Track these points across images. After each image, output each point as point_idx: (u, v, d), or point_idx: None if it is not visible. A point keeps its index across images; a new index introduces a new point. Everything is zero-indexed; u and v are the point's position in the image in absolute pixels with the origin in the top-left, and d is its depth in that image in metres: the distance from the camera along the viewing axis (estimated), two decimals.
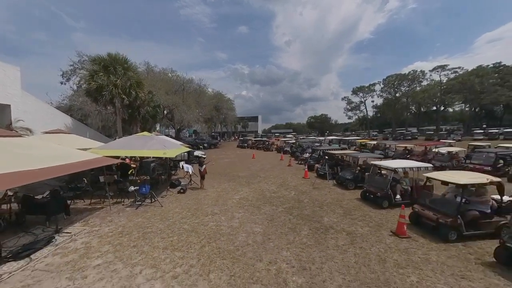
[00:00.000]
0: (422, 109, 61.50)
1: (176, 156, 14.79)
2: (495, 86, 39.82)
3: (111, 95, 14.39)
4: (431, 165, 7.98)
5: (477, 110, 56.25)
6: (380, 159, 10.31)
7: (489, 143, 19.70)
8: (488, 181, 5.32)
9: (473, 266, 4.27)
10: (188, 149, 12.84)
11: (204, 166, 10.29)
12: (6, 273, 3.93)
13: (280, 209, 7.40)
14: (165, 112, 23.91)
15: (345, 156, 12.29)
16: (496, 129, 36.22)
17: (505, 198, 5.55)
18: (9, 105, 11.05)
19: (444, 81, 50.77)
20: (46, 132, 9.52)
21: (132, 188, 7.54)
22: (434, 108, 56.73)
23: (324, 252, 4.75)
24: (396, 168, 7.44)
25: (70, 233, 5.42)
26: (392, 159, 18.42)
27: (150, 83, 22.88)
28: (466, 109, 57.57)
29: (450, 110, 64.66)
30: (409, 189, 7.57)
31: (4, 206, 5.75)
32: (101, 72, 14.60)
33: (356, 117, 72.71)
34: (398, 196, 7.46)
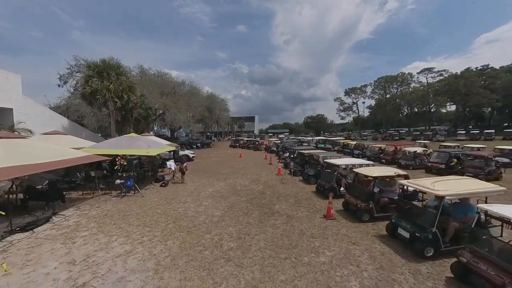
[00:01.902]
0: (413, 110, 63.21)
1: (165, 155, 16.25)
2: (478, 89, 41.39)
3: (104, 98, 15.70)
4: (371, 162, 9.36)
5: (466, 111, 57.97)
6: (339, 157, 11.69)
7: (458, 144, 21.22)
8: (395, 174, 6.73)
9: (368, 237, 5.68)
10: (173, 149, 14.15)
11: (185, 163, 11.70)
12: (16, 240, 5.30)
13: (243, 199, 8.78)
14: (157, 113, 25.22)
15: (314, 155, 13.66)
16: (477, 130, 37.91)
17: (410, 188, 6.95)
18: (12, 109, 12.36)
19: (435, 83, 52.41)
20: (45, 133, 10.85)
21: (118, 181, 8.89)
22: (425, 109, 58.41)
23: (261, 228, 6.14)
24: (340, 164, 8.84)
25: (64, 215, 6.79)
26: (367, 158, 19.87)
27: (144, 85, 24.18)
28: (458, 110, 59.25)
29: (444, 111, 66.41)
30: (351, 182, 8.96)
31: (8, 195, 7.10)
32: (95, 77, 15.90)
33: (349, 117, 74.24)
34: (342, 189, 8.87)
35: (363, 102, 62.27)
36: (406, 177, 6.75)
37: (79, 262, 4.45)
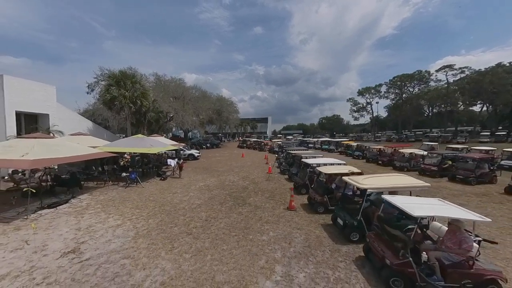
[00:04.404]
0: (435, 110, 59.09)
1: (172, 154, 18.19)
2: (507, 86, 37.77)
3: (121, 104, 18.14)
4: (344, 162, 9.99)
5: (497, 111, 52.74)
6: (322, 156, 12.39)
7: (467, 146, 20.19)
8: (349, 172, 7.48)
9: (314, 224, 6.58)
10: (176, 148, 15.93)
11: (182, 160, 13.33)
12: (44, 213, 7.19)
13: (225, 192, 10.05)
14: (168, 116, 27.69)
15: (298, 155, 14.44)
16: (504, 132, 34.69)
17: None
18: (48, 114, 15.12)
19: (456, 81, 48.70)
20: (71, 134, 13.26)
21: (123, 174, 10.73)
22: (448, 108, 54.30)
23: (227, 214, 7.35)
24: (311, 163, 9.67)
25: (80, 198, 8.69)
26: (366, 159, 19.96)
27: (158, 90, 26.78)
28: (484, 109, 54.19)
29: (476, 110, 60.77)
30: (324, 180, 9.74)
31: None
32: (114, 86, 18.44)
33: (364, 118, 71.65)
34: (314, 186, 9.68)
35: (377, 102, 59.84)
36: (360, 174, 7.46)
37: (83, 229, 6.08)
